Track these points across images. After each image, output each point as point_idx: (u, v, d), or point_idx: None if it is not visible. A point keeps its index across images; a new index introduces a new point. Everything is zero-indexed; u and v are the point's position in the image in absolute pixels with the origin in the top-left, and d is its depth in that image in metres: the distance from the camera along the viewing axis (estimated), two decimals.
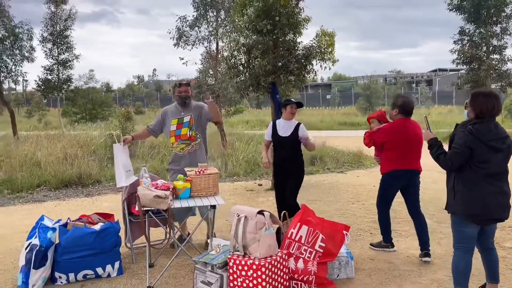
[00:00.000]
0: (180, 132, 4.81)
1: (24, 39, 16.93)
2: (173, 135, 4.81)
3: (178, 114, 4.84)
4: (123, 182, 4.49)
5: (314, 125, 24.21)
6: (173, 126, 4.81)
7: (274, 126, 5.03)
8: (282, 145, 4.91)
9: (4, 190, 8.24)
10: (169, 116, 4.88)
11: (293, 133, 4.88)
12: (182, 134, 4.81)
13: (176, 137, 4.81)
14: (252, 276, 3.44)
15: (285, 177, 4.92)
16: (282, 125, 4.98)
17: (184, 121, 4.81)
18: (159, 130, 5.03)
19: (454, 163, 3.28)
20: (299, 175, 4.99)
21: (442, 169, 3.44)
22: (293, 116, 4.98)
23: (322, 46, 7.61)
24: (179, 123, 4.81)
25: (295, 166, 4.94)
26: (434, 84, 64.52)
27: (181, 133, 4.81)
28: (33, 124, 25.92)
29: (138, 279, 4.06)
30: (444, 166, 3.38)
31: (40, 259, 3.81)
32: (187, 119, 4.80)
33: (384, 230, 4.79)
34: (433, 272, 4.10)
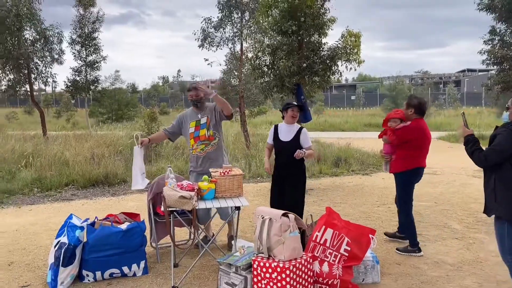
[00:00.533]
0: (198, 133, 4.90)
1: (54, 41, 17.40)
2: (192, 137, 4.91)
3: (195, 117, 4.94)
4: (140, 185, 4.57)
5: (338, 126, 24.00)
6: (191, 129, 4.91)
7: (276, 130, 4.87)
8: (283, 150, 4.72)
9: (34, 188, 8.47)
10: (188, 119, 4.98)
11: (295, 138, 4.69)
12: (200, 135, 4.90)
13: (195, 138, 4.91)
14: (277, 279, 3.43)
15: (285, 183, 4.72)
16: (283, 129, 4.80)
17: (201, 123, 4.90)
18: (176, 134, 5.09)
19: (489, 160, 3.20)
20: (301, 181, 4.76)
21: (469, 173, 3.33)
22: (294, 120, 4.78)
23: (348, 47, 7.53)
24: (197, 125, 4.91)
25: (296, 172, 4.72)
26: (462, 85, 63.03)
27: (200, 134, 4.90)
28: (61, 124, 26.61)
29: (163, 279, 4.10)
30: (478, 163, 3.30)
31: (68, 257, 3.89)
32: (204, 120, 4.89)
33: (410, 233, 4.69)
34: (462, 278, 3.99)
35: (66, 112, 35.39)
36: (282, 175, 4.71)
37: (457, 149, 14.60)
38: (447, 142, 16.73)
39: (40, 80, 17.39)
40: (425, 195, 7.45)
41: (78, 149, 11.14)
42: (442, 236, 5.24)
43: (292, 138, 4.70)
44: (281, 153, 4.76)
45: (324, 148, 12.27)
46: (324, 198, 7.43)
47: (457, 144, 15.92)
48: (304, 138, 4.70)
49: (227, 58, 16.15)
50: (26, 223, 6.16)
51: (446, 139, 17.23)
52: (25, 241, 5.34)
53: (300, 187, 4.77)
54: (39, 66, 17.03)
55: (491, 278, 3.96)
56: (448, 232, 5.39)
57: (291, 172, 4.71)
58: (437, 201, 7.05)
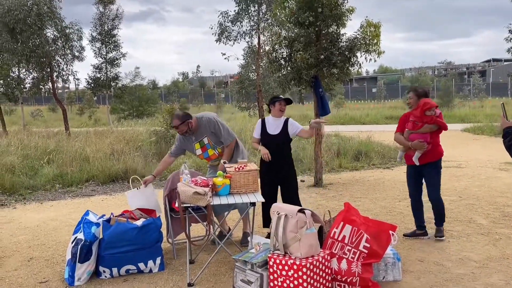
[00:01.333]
0: (208, 154, 4.87)
1: (75, 39, 17.65)
2: (203, 158, 4.90)
3: (195, 139, 4.80)
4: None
5: (359, 119, 23.65)
6: (198, 151, 4.85)
7: (263, 123, 4.86)
8: (271, 143, 4.74)
9: (56, 184, 8.59)
10: (190, 140, 4.82)
11: (283, 130, 4.75)
12: (210, 156, 4.88)
13: (207, 159, 4.92)
14: (293, 276, 3.34)
15: (276, 177, 4.77)
16: (271, 123, 4.83)
17: (205, 143, 4.83)
18: (182, 151, 5.02)
19: None
20: (292, 174, 4.83)
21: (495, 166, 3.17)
22: (282, 114, 4.80)
23: (367, 38, 7.32)
24: (202, 146, 4.85)
25: (286, 165, 4.79)
26: (487, 75, 61.31)
27: (209, 154, 4.87)
28: (84, 121, 27.06)
29: (179, 275, 4.06)
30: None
31: (85, 254, 3.89)
32: (206, 141, 4.81)
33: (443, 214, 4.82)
34: (488, 276, 3.81)
35: (88, 109, 35.98)
36: (271, 169, 4.72)
37: (483, 141, 14.17)
38: (472, 134, 16.27)
39: (61, 78, 17.70)
40: (450, 189, 7.22)
41: (98, 145, 11.27)
42: (467, 231, 5.04)
43: (280, 131, 4.77)
44: (269, 147, 4.75)
45: (344, 142, 12.08)
46: (343, 193, 7.28)
47: (482, 136, 15.46)
48: (292, 126, 4.77)
49: (245, 52, 16.05)
50: (47, 219, 6.24)
51: (471, 131, 16.76)
52: (45, 237, 5.39)
53: (292, 182, 4.82)
54: (61, 64, 17.34)
55: None
56: (473, 227, 5.19)
57: (281, 167, 4.74)
58: (462, 195, 6.82)
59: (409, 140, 4.64)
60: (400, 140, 4.78)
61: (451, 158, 10.68)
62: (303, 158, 10.15)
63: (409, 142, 4.64)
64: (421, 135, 4.58)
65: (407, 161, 4.81)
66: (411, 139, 4.63)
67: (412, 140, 4.61)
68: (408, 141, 4.65)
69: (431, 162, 4.64)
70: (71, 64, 17.49)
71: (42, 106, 44.84)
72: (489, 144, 13.23)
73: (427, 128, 4.58)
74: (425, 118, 4.57)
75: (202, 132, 4.74)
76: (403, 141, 4.73)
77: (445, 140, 5.15)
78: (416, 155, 4.62)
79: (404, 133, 4.74)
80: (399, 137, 4.79)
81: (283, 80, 7.71)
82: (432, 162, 4.65)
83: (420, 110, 4.57)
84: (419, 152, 4.60)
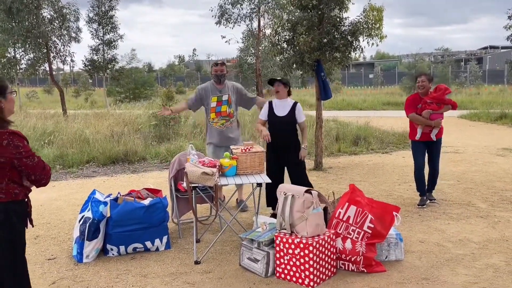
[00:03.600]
0: (220, 109, 5.25)
1: (71, 19, 17.44)
2: (214, 111, 5.25)
3: (218, 92, 5.27)
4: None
5: (356, 105, 23.68)
6: (213, 103, 5.25)
7: (270, 106, 4.95)
8: (278, 124, 4.86)
9: (57, 165, 8.61)
10: (209, 94, 5.29)
11: (290, 113, 4.84)
12: (222, 111, 5.26)
13: (217, 113, 5.26)
14: (299, 255, 3.42)
15: (282, 159, 4.87)
16: (278, 105, 4.92)
17: (223, 99, 5.26)
18: (197, 105, 5.39)
19: None
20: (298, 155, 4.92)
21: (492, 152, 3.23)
22: (279, 95, 4.87)
23: (370, 22, 7.31)
24: (219, 101, 5.25)
25: (292, 146, 4.89)
26: (484, 62, 61.31)
27: (221, 110, 5.25)
28: (80, 103, 26.90)
29: (186, 254, 4.13)
30: None
31: (93, 231, 3.95)
32: (226, 97, 5.26)
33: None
34: (488, 256, 3.92)
35: (84, 91, 35.73)
36: (279, 151, 4.83)
37: (479, 127, 14.29)
38: (469, 120, 16.38)
39: (58, 59, 17.54)
40: (448, 173, 7.32)
41: (97, 127, 11.26)
42: (466, 214, 5.15)
43: (288, 113, 4.86)
44: (276, 128, 4.85)
45: (342, 127, 12.14)
46: (343, 176, 7.37)
47: (479, 123, 15.58)
48: (298, 113, 4.87)
49: (244, 35, 15.96)
50: (50, 199, 6.28)
51: (467, 118, 16.86)
52: (50, 216, 5.45)
53: (299, 163, 4.93)
54: (58, 45, 17.16)
55: None
56: (472, 210, 5.30)
57: (287, 148, 4.85)
58: (460, 179, 6.92)
59: (431, 119, 5.25)
60: (419, 120, 5.31)
61: (449, 144, 10.78)
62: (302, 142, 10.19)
63: (431, 121, 5.25)
64: (440, 115, 5.28)
65: (421, 138, 5.39)
66: (432, 118, 5.25)
67: (433, 119, 5.25)
68: (430, 121, 5.26)
69: (440, 137, 5.44)
70: (68, 45, 17.32)
71: (37, 87, 44.45)
72: (485, 131, 13.35)
73: (447, 108, 5.29)
74: (446, 100, 5.26)
75: (226, 90, 5.27)
76: (424, 120, 5.28)
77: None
78: (433, 132, 5.32)
79: (424, 113, 5.27)
80: (417, 117, 5.32)
81: (285, 63, 7.71)
82: (441, 137, 5.46)
83: (442, 93, 5.24)
84: (436, 129, 5.30)
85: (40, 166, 2.58)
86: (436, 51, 77.50)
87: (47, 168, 2.63)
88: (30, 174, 2.56)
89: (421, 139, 5.38)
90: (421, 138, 5.37)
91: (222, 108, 5.23)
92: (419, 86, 5.35)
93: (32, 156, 2.55)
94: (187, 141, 10.45)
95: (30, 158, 2.53)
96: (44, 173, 2.60)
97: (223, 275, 3.66)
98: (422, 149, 5.45)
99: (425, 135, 5.34)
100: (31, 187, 2.67)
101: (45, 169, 2.61)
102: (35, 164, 2.55)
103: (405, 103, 5.49)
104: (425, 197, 5.55)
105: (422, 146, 5.44)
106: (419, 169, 5.46)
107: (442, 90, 5.22)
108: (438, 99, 5.22)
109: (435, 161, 5.51)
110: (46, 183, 2.65)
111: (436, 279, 3.49)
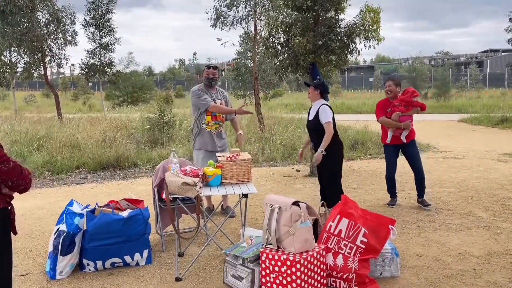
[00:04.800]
0: (215, 113, 5.16)
1: (67, 23, 17.22)
2: (210, 114, 5.15)
3: (212, 96, 5.19)
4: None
5: (356, 109, 23.44)
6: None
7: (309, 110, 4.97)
8: (309, 129, 4.90)
9: (45, 171, 8.36)
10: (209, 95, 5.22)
11: (316, 116, 4.68)
12: (218, 115, 5.18)
13: (212, 117, 5.17)
14: (286, 273, 3.16)
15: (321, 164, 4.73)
16: (311, 108, 4.88)
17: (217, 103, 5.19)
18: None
19: None
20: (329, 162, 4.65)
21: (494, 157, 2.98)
22: (310, 98, 4.83)
23: (367, 24, 7.07)
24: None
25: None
26: (485, 66, 61.07)
27: (217, 114, 5.17)
28: (78, 107, 26.68)
29: (167, 269, 3.87)
30: None
31: (67, 246, 3.70)
32: (219, 102, 5.19)
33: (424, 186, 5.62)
34: (490, 272, 3.65)
35: (83, 95, 35.53)
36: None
37: (480, 131, 14.02)
38: (469, 124, 16.10)
39: (54, 63, 17.32)
40: (448, 180, 7.06)
41: (90, 132, 11.01)
42: (467, 225, 4.88)
43: (314, 116, 4.71)
44: (308, 131, 4.93)
45: (340, 131, 11.87)
46: None
47: (479, 127, 15.32)
48: (321, 114, 4.64)
49: (241, 38, 15.73)
50: (33, 207, 6.03)
51: (468, 122, 16.59)
52: (29, 227, 5.19)
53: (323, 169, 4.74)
54: (53, 48, 16.94)
55: None
56: (473, 220, 5.03)
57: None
58: (460, 187, 6.65)
59: (400, 122, 5.36)
60: (389, 123, 5.44)
61: (449, 148, 10.52)
62: (299, 147, 9.95)
63: (400, 123, 5.36)
64: (409, 117, 5.41)
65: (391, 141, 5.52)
66: (401, 121, 5.37)
67: (402, 121, 5.37)
68: (399, 123, 5.36)
69: (413, 139, 5.52)
70: (64, 48, 17.09)
71: (36, 91, 44.30)
72: (486, 135, 13.08)
73: (415, 110, 5.42)
74: (413, 102, 5.38)
75: (218, 95, 5.27)
76: (393, 123, 5.40)
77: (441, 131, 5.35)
78: (403, 134, 5.41)
79: (393, 116, 5.38)
80: (387, 120, 5.46)
81: (279, 66, 7.47)
82: (413, 139, 5.54)
83: (410, 96, 5.36)
84: (406, 131, 5.40)
85: (17, 171, 2.46)
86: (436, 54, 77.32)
87: (25, 173, 2.51)
88: (6, 180, 2.45)
89: (392, 142, 5.50)
90: (393, 141, 5.49)
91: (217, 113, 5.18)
92: (386, 91, 5.54)
93: (7, 161, 2.44)
94: (181, 146, 10.21)
95: (5, 164, 2.42)
96: (22, 178, 2.49)
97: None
98: (393, 152, 5.59)
99: (396, 138, 5.47)
100: (12, 193, 2.56)
101: (23, 174, 2.50)
102: (11, 170, 2.44)
103: (376, 107, 5.63)
104: (395, 198, 5.74)
105: (394, 150, 5.58)
106: (390, 172, 5.63)
107: (410, 93, 5.37)
108: (406, 102, 5.37)
109: (414, 164, 5.53)
110: (26, 189, 2.55)
111: None
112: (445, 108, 23.46)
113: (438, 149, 10.48)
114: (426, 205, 5.53)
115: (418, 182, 5.59)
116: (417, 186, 5.62)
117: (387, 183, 5.73)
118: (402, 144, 5.49)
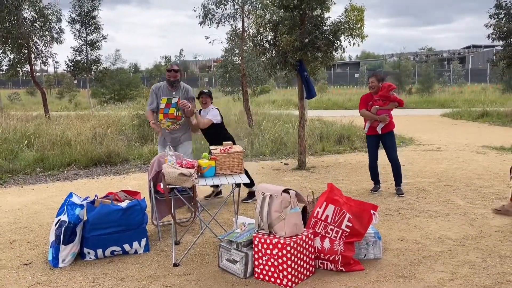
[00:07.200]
0: (168, 111, 5.19)
1: (53, 20, 17.17)
2: (162, 112, 5.20)
3: (169, 94, 5.26)
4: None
5: (342, 105, 23.81)
6: (162, 104, 5.19)
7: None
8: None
9: (37, 168, 8.47)
10: (161, 94, 5.29)
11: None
12: (169, 113, 5.20)
13: (164, 115, 5.21)
14: (277, 255, 3.41)
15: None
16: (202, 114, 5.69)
17: (173, 102, 5.19)
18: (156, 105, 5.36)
19: None
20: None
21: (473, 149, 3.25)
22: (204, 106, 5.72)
23: (351, 22, 7.34)
24: (168, 103, 5.20)
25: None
26: (467, 62, 62.17)
27: (169, 112, 5.19)
28: (64, 105, 26.54)
29: (164, 256, 4.09)
30: None
31: (69, 235, 3.89)
32: (175, 100, 5.18)
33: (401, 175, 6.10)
34: (465, 253, 3.96)
35: (68, 93, 35.25)
36: None
37: (461, 125, 14.48)
38: (451, 119, 16.58)
39: (40, 60, 17.26)
40: (429, 171, 7.40)
41: (80, 129, 11.11)
42: (445, 211, 5.20)
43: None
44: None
45: (327, 126, 12.19)
46: (326, 176, 7.39)
47: (461, 121, 15.79)
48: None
49: (229, 36, 15.90)
50: (28, 202, 6.17)
51: (450, 116, 17.07)
52: (27, 220, 5.35)
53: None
54: (39, 46, 16.88)
55: (495, 253, 3.92)
56: (451, 207, 5.35)
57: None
58: (440, 177, 7.00)
59: (377, 115, 5.84)
60: (367, 115, 5.93)
61: (431, 142, 10.91)
62: (287, 142, 10.23)
63: (377, 116, 5.84)
64: (386, 110, 5.86)
65: (369, 132, 6.01)
66: (379, 114, 5.85)
67: (379, 114, 5.85)
68: (376, 115, 5.85)
69: (390, 131, 5.97)
70: (50, 46, 17.04)
71: (20, 89, 43.73)
72: (467, 129, 13.53)
73: (392, 105, 5.87)
74: (390, 97, 5.81)
75: (178, 92, 5.28)
76: (371, 115, 5.90)
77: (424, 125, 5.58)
78: (379, 126, 5.90)
79: (372, 109, 5.87)
80: (366, 112, 5.95)
81: (268, 64, 7.70)
82: (391, 131, 5.98)
83: (386, 90, 5.79)
84: (382, 123, 5.88)
85: None
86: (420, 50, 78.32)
87: None
88: None
89: (370, 133, 6.01)
90: (370, 132, 5.99)
91: (170, 111, 5.18)
92: (369, 87, 6.01)
93: None
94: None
95: None
96: None
97: (202, 277, 3.63)
98: (374, 143, 6.05)
99: (373, 129, 5.95)
100: None
101: None
102: None
103: (360, 100, 6.11)
104: (378, 185, 6.23)
105: (374, 140, 6.05)
106: (371, 160, 6.12)
107: (386, 88, 5.83)
108: (383, 96, 5.83)
109: (391, 154, 6.00)
110: None
111: (413, 277, 3.51)
112: (428, 103, 23.99)
113: (420, 143, 10.86)
114: (400, 194, 5.97)
115: (394, 172, 6.06)
116: (394, 175, 6.09)
117: (370, 170, 6.22)
118: (381, 135, 5.96)
